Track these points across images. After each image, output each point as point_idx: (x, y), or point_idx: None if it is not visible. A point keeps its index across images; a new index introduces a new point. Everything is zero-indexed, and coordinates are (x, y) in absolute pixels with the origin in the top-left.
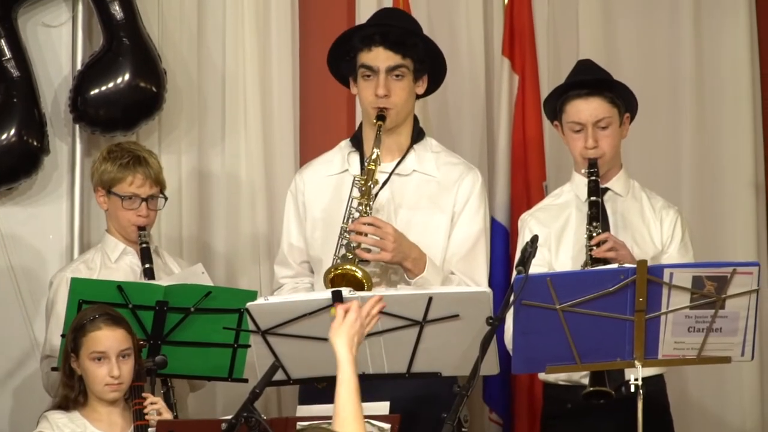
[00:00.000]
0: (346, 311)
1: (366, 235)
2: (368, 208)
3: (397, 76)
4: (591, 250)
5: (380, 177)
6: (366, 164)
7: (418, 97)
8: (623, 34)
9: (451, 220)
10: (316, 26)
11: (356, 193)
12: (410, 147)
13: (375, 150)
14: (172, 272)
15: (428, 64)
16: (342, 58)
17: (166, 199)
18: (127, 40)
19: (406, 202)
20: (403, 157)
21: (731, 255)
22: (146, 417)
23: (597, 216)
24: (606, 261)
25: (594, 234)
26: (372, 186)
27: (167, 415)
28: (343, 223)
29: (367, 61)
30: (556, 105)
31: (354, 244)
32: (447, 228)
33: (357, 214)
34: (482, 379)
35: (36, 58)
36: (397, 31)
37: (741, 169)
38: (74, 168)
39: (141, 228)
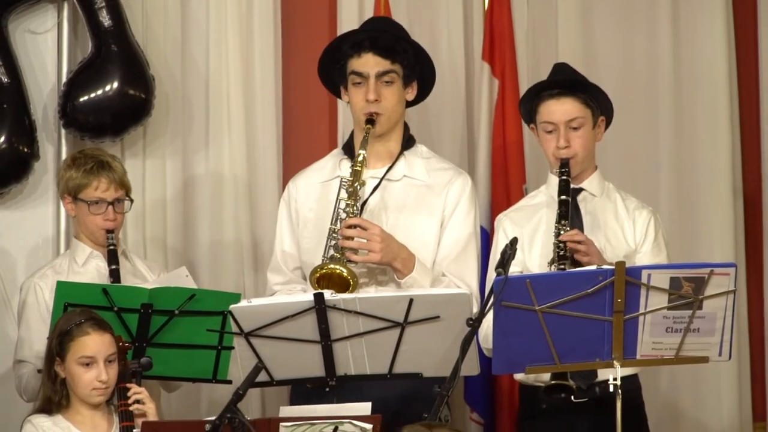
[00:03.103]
0: None
1: (353, 238)
2: (355, 209)
3: (386, 81)
4: (558, 247)
5: (371, 182)
6: (352, 166)
7: (408, 104)
8: (602, 39)
9: (440, 223)
10: (298, 31)
11: (343, 194)
12: (400, 153)
13: (361, 152)
14: (140, 274)
15: (418, 70)
16: (332, 67)
17: (131, 201)
18: (115, 47)
19: (396, 205)
20: (394, 163)
21: (708, 256)
22: (129, 408)
23: (566, 214)
24: (573, 259)
25: (562, 232)
26: (359, 187)
27: (150, 405)
28: (331, 224)
29: (357, 67)
30: (531, 107)
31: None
32: (436, 230)
33: (344, 215)
34: (463, 379)
35: (24, 65)
36: (387, 36)
37: (719, 171)
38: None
39: (109, 231)
